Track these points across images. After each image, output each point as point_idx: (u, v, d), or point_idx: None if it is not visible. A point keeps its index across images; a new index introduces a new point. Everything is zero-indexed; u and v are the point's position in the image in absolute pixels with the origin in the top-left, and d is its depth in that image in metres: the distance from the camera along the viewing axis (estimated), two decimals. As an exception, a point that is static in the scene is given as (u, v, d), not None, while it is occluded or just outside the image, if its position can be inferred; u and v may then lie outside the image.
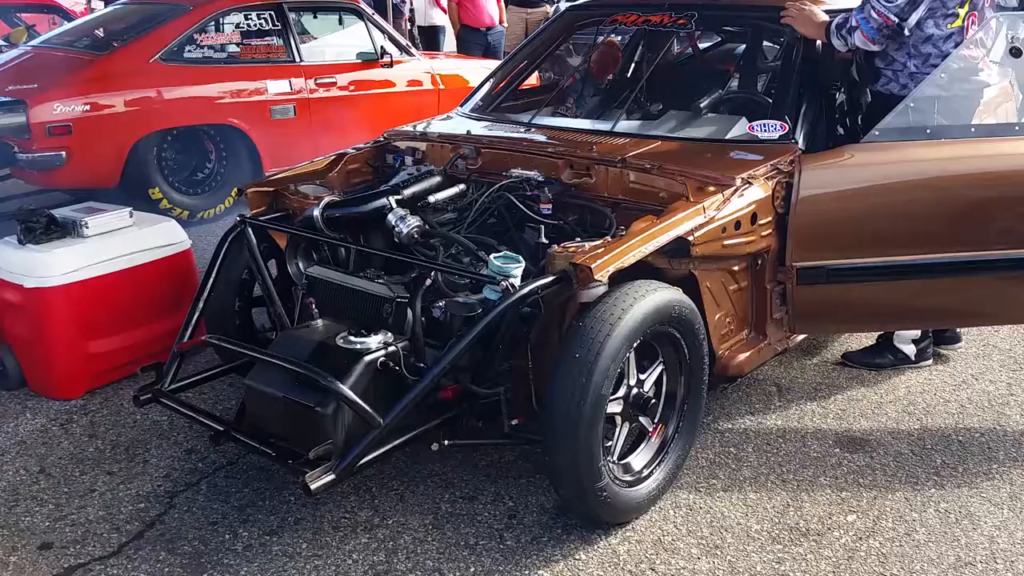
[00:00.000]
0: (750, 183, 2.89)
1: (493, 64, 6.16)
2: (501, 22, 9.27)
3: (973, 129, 3.12)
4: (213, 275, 3.02)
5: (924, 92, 3.08)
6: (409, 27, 10.66)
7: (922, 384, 3.57)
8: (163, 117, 5.49)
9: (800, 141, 3.12)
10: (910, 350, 3.62)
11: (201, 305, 2.96)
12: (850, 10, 3.17)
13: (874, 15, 3.06)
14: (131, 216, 3.62)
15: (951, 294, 3.12)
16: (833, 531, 2.68)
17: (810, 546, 2.62)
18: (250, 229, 3.07)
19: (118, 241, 3.53)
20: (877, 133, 3.04)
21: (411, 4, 10.45)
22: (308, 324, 2.69)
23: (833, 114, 3.43)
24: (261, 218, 3.21)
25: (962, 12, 3.11)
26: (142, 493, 2.87)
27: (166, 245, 3.67)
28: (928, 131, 3.04)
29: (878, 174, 3.02)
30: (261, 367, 2.58)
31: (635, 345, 2.52)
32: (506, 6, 9.38)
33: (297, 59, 6.00)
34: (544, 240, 2.89)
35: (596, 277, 2.40)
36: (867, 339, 3.79)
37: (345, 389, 2.32)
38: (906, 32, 3.10)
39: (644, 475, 2.71)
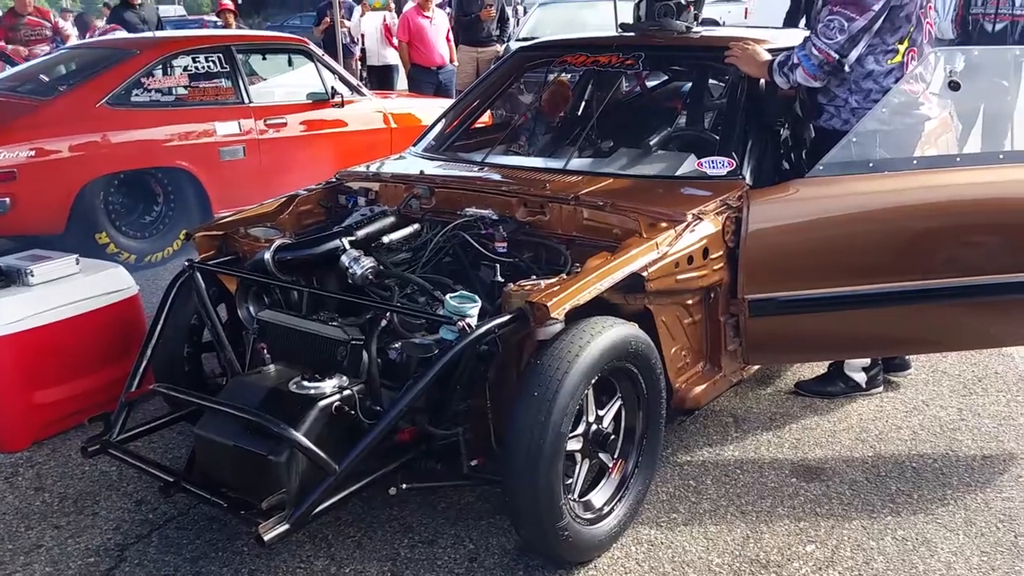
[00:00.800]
0: (701, 219, 2.93)
1: (445, 103, 6.20)
2: (452, 61, 9.35)
3: (915, 162, 3.19)
4: (161, 321, 2.97)
5: (866, 126, 3.15)
6: (360, 66, 10.70)
7: (874, 411, 3.62)
8: (110, 161, 5.42)
9: (747, 177, 3.17)
10: (860, 378, 3.68)
11: (149, 352, 2.90)
12: (792, 48, 3.24)
13: (815, 52, 3.14)
14: (77, 263, 3.55)
15: (899, 322, 3.18)
16: (793, 562, 2.69)
17: (771, 579, 2.62)
18: (198, 274, 3.03)
19: (64, 289, 3.45)
20: (821, 168, 3.10)
21: (362, 44, 10.50)
22: (259, 370, 2.64)
23: (778, 150, 3.49)
24: (210, 262, 3.16)
25: (901, 48, 3.20)
26: (91, 547, 2.78)
27: (113, 292, 3.60)
28: (871, 164, 3.11)
29: (823, 207, 3.08)
30: (211, 415, 2.52)
31: (593, 381, 2.52)
32: (456, 45, 9.47)
33: (246, 100, 5.97)
34: (500, 279, 2.88)
35: (553, 315, 2.40)
36: (819, 367, 3.84)
37: (299, 436, 2.28)
38: (847, 68, 3.18)
39: (605, 512, 2.70)
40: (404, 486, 2.53)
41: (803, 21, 7.16)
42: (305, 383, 2.47)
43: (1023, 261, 3.07)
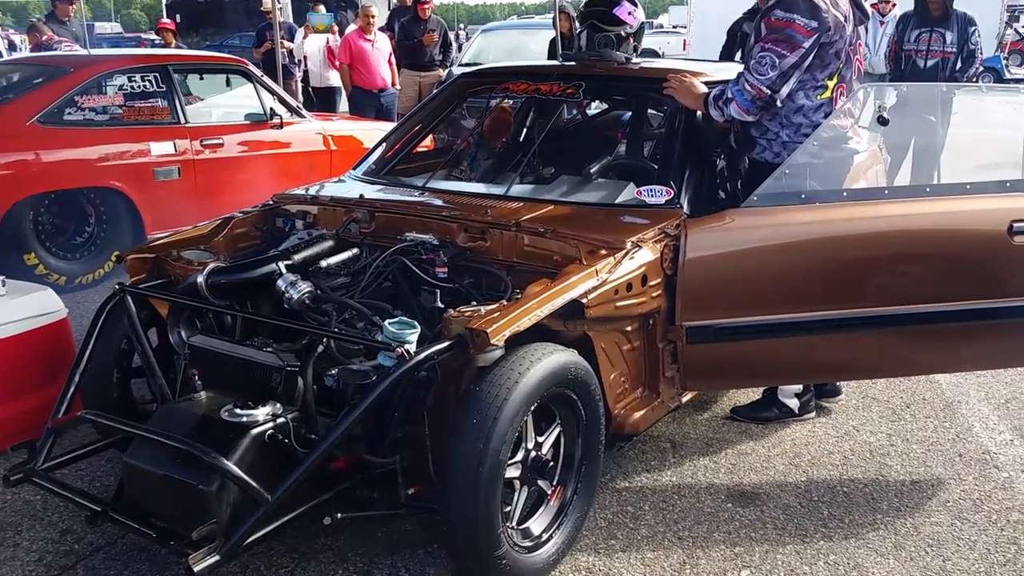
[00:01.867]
0: (640, 246, 2.96)
1: (386, 126, 6.18)
2: (393, 84, 9.34)
3: (845, 194, 3.28)
4: (90, 346, 2.88)
5: (797, 159, 3.23)
6: (304, 86, 10.62)
7: (806, 437, 3.68)
8: (40, 181, 5.29)
9: (685, 206, 3.22)
10: (793, 403, 3.74)
11: (77, 378, 2.82)
12: (727, 82, 3.31)
13: (748, 87, 3.20)
14: (3, 285, 3.44)
15: (832, 350, 3.25)
16: (729, 588, 2.71)
17: (708, 605, 2.63)
18: (129, 297, 2.95)
19: (-12, 312, 3.33)
20: (756, 198, 3.16)
21: (305, 65, 10.43)
22: (191, 397, 2.58)
23: (714, 180, 3.56)
24: (141, 286, 3.09)
25: (831, 84, 3.29)
26: (10, 581, 2.68)
27: (41, 315, 3.47)
28: (803, 196, 3.18)
29: (758, 237, 3.14)
30: (141, 443, 2.45)
31: (532, 408, 2.51)
32: (399, 69, 9.48)
33: (182, 120, 5.87)
34: (440, 304, 2.87)
35: (493, 341, 2.39)
36: (755, 393, 3.90)
37: (230, 465, 2.22)
38: (778, 103, 3.25)
39: (544, 540, 2.68)
40: (339, 515, 2.48)
41: (738, 55, 7.34)
42: (237, 411, 2.42)
43: (948, 291, 3.17)
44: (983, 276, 3.19)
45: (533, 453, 2.64)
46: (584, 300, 2.71)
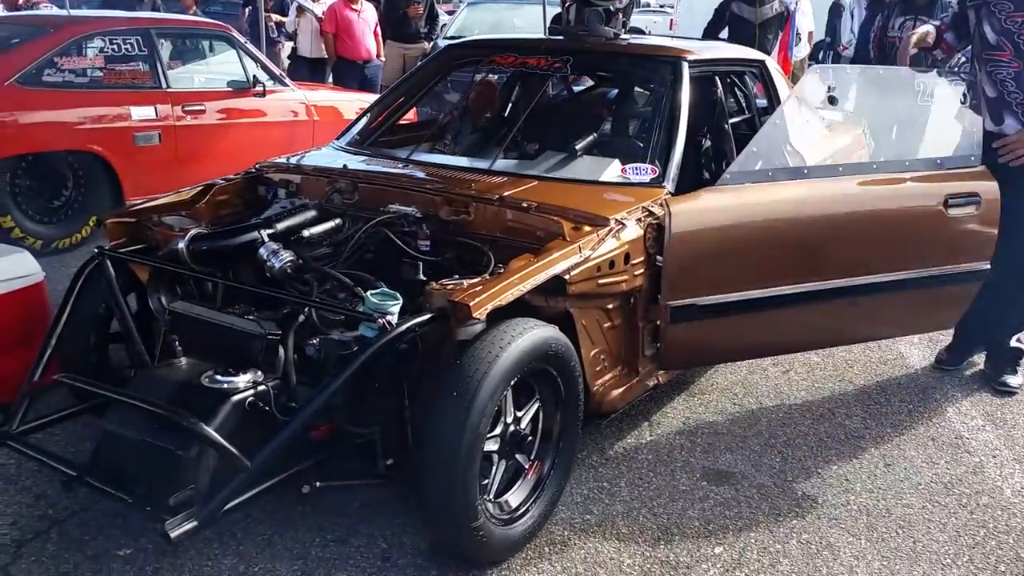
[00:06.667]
0: (623, 224, 2.96)
1: (369, 97, 6.13)
2: (378, 56, 9.25)
3: (806, 171, 3.33)
4: (67, 310, 2.86)
5: (766, 137, 3.26)
6: (291, 52, 10.43)
7: (782, 418, 3.72)
8: (18, 142, 5.19)
9: (669, 184, 3.22)
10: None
11: (54, 341, 2.79)
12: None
13: None
14: (-22, 246, 3.40)
15: (800, 322, 3.33)
16: (701, 564, 2.74)
17: (681, 580, 2.67)
18: (109, 261, 2.93)
19: (-37, 273, 3.29)
20: (728, 176, 3.17)
21: (296, 32, 10.18)
22: (170, 362, 2.57)
23: (699, 159, 3.56)
24: (121, 250, 3.06)
25: None
26: (-17, 544, 2.66)
27: (16, 277, 3.43)
28: (769, 173, 3.21)
29: (735, 215, 3.14)
30: (118, 408, 2.44)
31: (512, 383, 2.52)
32: (384, 41, 9.38)
33: (163, 85, 5.79)
34: (422, 277, 2.86)
35: (475, 315, 2.39)
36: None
37: (209, 431, 2.22)
38: None
39: (520, 513, 2.70)
40: (318, 484, 2.48)
41: (724, 32, 7.34)
42: (218, 377, 2.41)
43: (895, 261, 3.36)
44: (925, 246, 3.42)
45: (512, 427, 2.65)
46: (566, 276, 2.71)
